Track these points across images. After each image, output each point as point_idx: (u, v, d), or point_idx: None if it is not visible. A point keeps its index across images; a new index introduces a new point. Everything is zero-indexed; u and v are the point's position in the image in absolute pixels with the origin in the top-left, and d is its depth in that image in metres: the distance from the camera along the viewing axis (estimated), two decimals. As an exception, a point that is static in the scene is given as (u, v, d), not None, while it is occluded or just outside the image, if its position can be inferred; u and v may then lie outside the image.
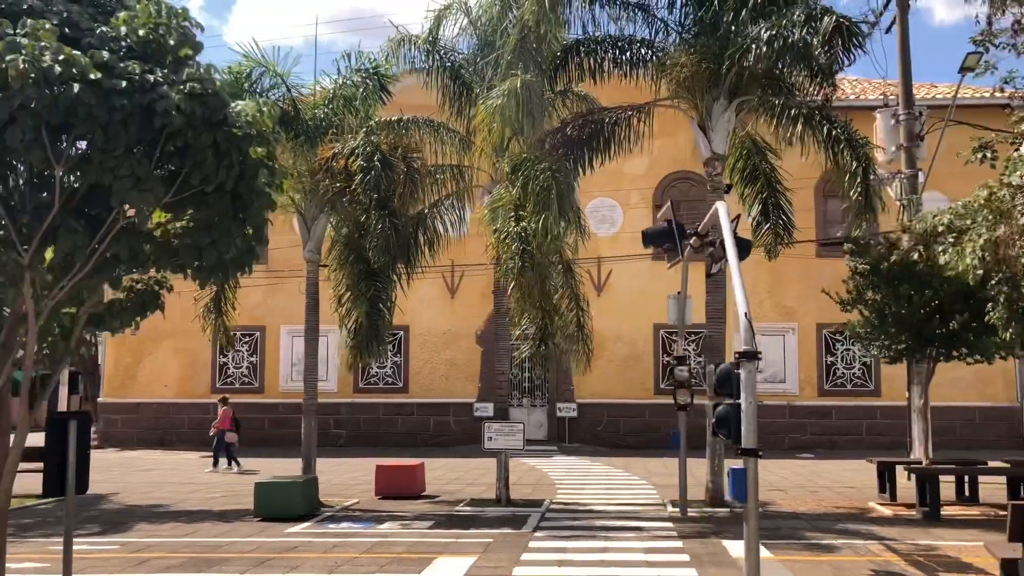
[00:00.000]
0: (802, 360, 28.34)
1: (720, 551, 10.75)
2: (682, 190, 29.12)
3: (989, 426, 26.43)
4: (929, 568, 9.67)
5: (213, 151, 6.40)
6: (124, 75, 6.01)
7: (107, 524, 13.52)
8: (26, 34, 5.73)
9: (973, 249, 6.84)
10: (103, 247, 6.78)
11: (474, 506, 14.88)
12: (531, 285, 13.20)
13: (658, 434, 28.13)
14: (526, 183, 13.02)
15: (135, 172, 6.19)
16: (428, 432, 29.09)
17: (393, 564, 10.15)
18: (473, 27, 15.50)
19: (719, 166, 14.82)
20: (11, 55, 5.65)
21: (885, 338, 14.23)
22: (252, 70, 14.74)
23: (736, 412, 7.43)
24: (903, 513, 13.85)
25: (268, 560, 10.46)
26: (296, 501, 13.74)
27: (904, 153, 18.93)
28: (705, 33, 14.47)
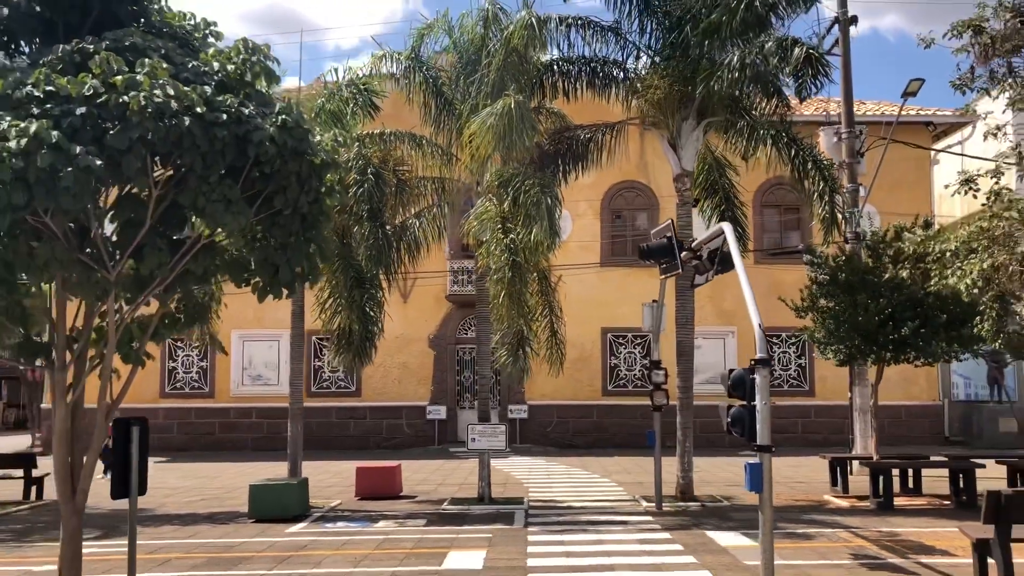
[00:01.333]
0: (741, 362, 29.61)
1: (708, 540, 11.66)
2: (627, 199, 30.31)
3: (914, 423, 28.20)
4: (899, 551, 10.75)
5: (296, 177, 6.99)
6: (223, 108, 6.57)
7: (103, 528, 13.75)
8: (146, 73, 6.24)
9: (974, 271, 7.89)
10: (183, 263, 7.31)
11: (458, 504, 15.51)
12: (520, 293, 13.94)
13: (606, 434, 29.23)
14: (516, 196, 13.76)
15: (227, 196, 6.74)
16: (381, 435, 29.53)
17: (410, 558, 10.77)
18: (455, 46, 16.15)
19: (688, 182, 15.81)
20: (132, 92, 6.17)
21: (840, 342, 15.37)
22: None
23: (750, 413, 8.32)
24: (858, 504, 15.01)
25: (288, 558, 10.98)
26: (290, 503, 14.21)
27: (846, 169, 20.25)
28: (675, 57, 15.41)
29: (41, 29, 7.09)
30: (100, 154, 6.19)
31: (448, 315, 30.00)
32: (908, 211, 26.81)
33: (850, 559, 10.39)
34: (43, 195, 6.04)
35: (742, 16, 13.88)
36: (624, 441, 28.89)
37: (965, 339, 13.87)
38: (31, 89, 6.28)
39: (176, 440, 29.86)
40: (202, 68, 6.91)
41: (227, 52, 7.14)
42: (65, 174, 5.99)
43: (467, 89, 15.86)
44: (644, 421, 29.05)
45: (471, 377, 30.33)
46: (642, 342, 29.94)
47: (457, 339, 30.27)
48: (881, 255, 15.13)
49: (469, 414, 30.23)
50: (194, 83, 6.65)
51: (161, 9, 7.58)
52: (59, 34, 7.20)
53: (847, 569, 9.86)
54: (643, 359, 29.96)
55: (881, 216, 25.69)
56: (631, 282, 29.02)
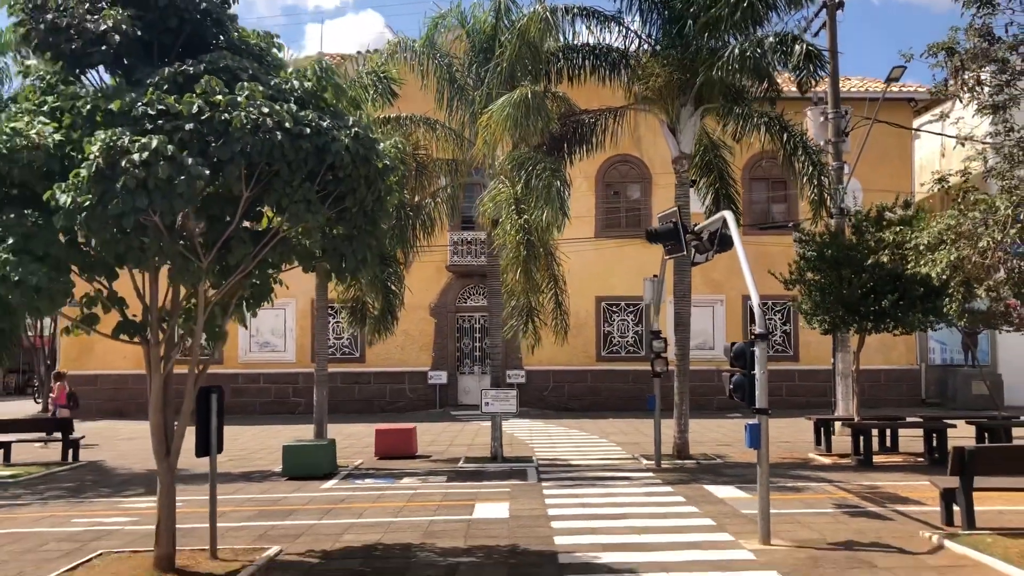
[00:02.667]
0: (729, 329, 31.07)
1: (706, 493, 12.96)
2: (621, 172, 31.45)
3: (893, 386, 29.71)
4: (878, 501, 12.08)
5: (364, 180, 8.11)
6: (306, 123, 7.66)
7: (147, 486, 14.89)
8: (246, 96, 7.31)
9: (943, 262, 9.10)
10: (263, 254, 8.43)
11: (473, 463, 16.76)
12: (533, 269, 15.10)
13: (600, 397, 30.63)
14: (528, 179, 14.88)
15: (307, 197, 7.85)
16: (385, 399, 30.80)
17: (442, 509, 12.02)
18: (467, 35, 17.14)
19: (686, 164, 16.95)
20: (234, 111, 7.25)
21: (825, 313, 16.65)
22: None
23: (750, 381, 9.56)
24: (840, 462, 16.37)
25: (331, 510, 12.20)
26: (320, 462, 15.43)
27: (832, 147, 21.41)
28: (675, 46, 16.47)
29: (140, 50, 8.13)
30: (205, 163, 7.28)
31: (448, 285, 31.15)
32: (890, 184, 28.17)
33: (834, 508, 11.72)
34: (160, 199, 7.13)
35: (742, 12, 14.95)
36: (617, 404, 30.33)
37: (940, 310, 15.17)
38: (146, 108, 7.35)
39: (186, 405, 31.00)
40: (283, 85, 7.98)
41: (302, 70, 8.22)
42: (179, 182, 7.08)
43: (479, 75, 16.88)
44: (636, 385, 30.62)
45: (470, 344, 31.62)
46: (634, 310, 31.26)
47: (457, 308, 31.46)
48: (864, 232, 16.37)
49: (468, 379, 31.61)
50: (279, 99, 7.73)
51: (238, 28, 8.63)
52: (154, 54, 8.27)
53: (832, 516, 11.18)
54: (635, 327, 31.31)
55: (864, 191, 27.00)
56: (624, 253, 30.29)
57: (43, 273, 7.36)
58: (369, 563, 9.03)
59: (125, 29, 7.77)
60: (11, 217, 7.56)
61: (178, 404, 9.18)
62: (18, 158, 7.44)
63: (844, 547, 9.36)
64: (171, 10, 8.08)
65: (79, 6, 7.86)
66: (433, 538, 10.14)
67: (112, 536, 10.68)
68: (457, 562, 8.97)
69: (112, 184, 7.03)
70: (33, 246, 7.49)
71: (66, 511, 12.58)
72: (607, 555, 9.13)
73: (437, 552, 9.44)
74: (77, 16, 7.78)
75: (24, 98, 8.50)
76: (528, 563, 8.90)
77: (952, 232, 9.01)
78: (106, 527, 11.29)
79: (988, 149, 10.16)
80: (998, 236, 8.60)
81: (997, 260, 8.81)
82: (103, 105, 7.46)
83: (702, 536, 10.06)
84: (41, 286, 7.32)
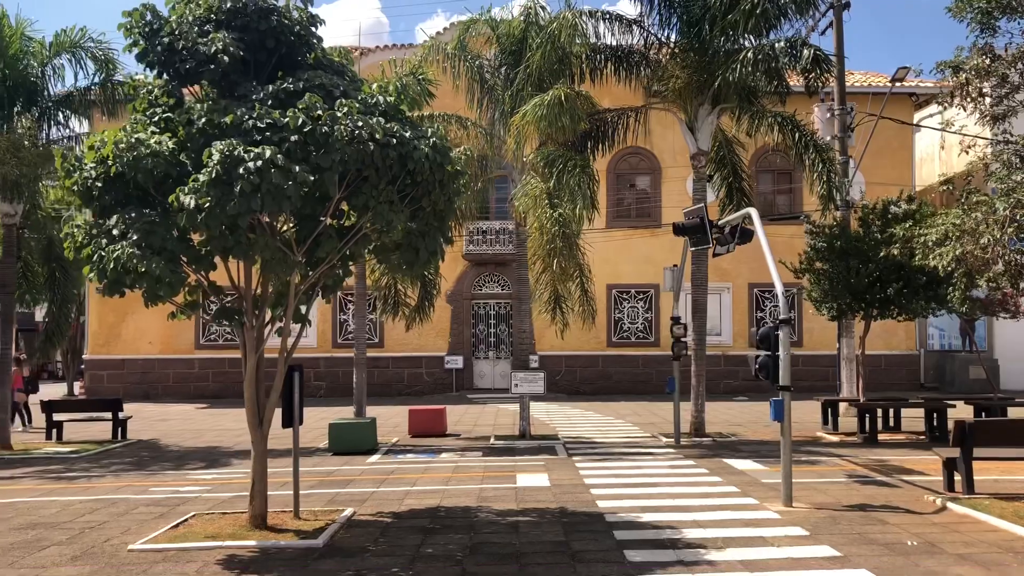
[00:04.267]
0: (735, 315, 32.26)
1: (726, 466, 14.11)
2: (631, 163, 32.49)
3: (893, 371, 30.91)
4: (885, 472, 13.23)
5: (439, 184, 9.19)
6: (392, 134, 8.73)
7: (204, 461, 16.04)
8: (344, 113, 8.39)
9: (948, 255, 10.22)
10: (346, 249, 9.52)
11: (503, 440, 17.88)
12: (566, 258, 16.21)
13: (610, 381, 31.81)
14: (560, 175, 15.96)
15: (390, 199, 8.94)
16: (403, 383, 31.95)
17: (487, 479, 13.15)
18: (497, 39, 18.16)
19: (703, 160, 18.04)
20: (335, 124, 8.32)
21: (833, 300, 17.77)
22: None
23: (775, 361, 10.68)
24: (846, 439, 17.51)
25: (385, 479, 13.33)
26: (364, 439, 16.56)
27: (838, 142, 22.49)
28: (693, 49, 17.53)
29: (241, 67, 9.19)
30: (308, 170, 8.36)
31: (464, 272, 32.25)
32: (891, 175, 29.33)
33: (846, 478, 12.87)
34: (270, 202, 8.20)
35: (756, 18, 16.01)
36: (627, 388, 31.53)
37: (941, 298, 16.31)
38: (255, 121, 8.42)
39: (211, 388, 32.20)
40: (370, 100, 9.05)
41: (383, 85, 9.30)
42: (288, 187, 8.16)
43: (508, 77, 17.93)
44: (645, 370, 31.84)
45: (485, 330, 32.74)
46: (644, 297, 32.41)
47: (472, 295, 32.59)
48: (870, 225, 17.47)
49: (484, 364, 32.74)
50: (367, 113, 8.81)
51: (323, 48, 9.70)
52: (251, 70, 9.33)
53: (844, 484, 12.32)
54: (645, 313, 32.45)
55: (867, 182, 28.06)
56: (633, 242, 31.42)
57: (164, 265, 8.44)
58: (437, 521, 10.15)
59: (231, 50, 8.83)
60: (132, 216, 8.64)
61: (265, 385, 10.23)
62: (142, 165, 8.50)
63: (858, 509, 10.50)
64: (269, 33, 9.15)
65: (191, 30, 8.91)
66: (487, 502, 11.27)
67: (193, 502, 11.77)
68: (516, 520, 10.09)
69: (229, 188, 8.09)
70: (152, 241, 8.56)
71: (140, 481, 13.68)
72: (647, 515, 10.26)
73: (495, 513, 10.56)
74: (191, 39, 8.84)
75: (132, 109, 9.59)
76: (579, 521, 10.02)
77: (957, 229, 10.13)
78: (183, 495, 12.38)
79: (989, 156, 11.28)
80: (997, 234, 9.72)
81: (996, 254, 9.93)
82: (217, 119, 8.52)
83: (729, 500, 11.20)
84: (163, 277, 8.41)
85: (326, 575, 7.90)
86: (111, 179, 8.82)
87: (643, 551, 8.53)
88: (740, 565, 7.99)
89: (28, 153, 17.94)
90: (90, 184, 8.89)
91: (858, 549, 8.49)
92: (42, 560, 8.66)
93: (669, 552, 8.49)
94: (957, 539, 8.90)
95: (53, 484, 13.56)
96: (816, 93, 16.65)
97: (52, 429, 19.34)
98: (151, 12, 9.12)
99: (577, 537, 9.20)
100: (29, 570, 8.28)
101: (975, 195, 10.42)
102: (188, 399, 31.37)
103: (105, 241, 8.61)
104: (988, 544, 8.67)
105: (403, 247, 9.69)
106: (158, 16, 9.14)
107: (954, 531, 9.27)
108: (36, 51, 18.52)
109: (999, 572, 7.67)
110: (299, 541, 9.18)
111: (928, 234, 10.84)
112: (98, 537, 9.64)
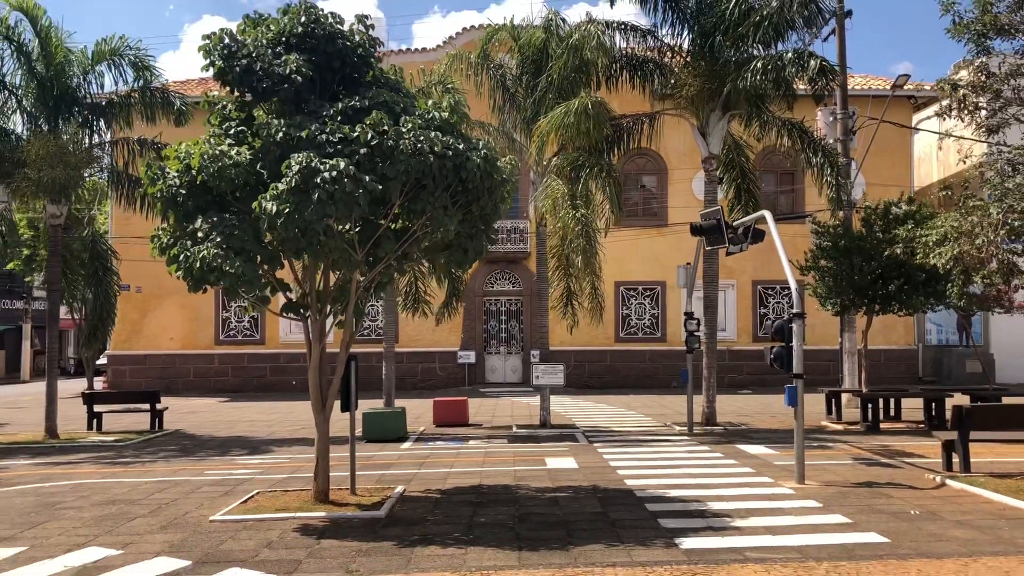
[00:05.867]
0: (740, 311, 33.31)
1: (740, 451, 15.12)
2: (638, 164, 33.47)
3: (892, 365, 31.97)
4: (888, 455, 14.26)
5: (487, 190, 10.18)
6: (448, 146, 9.71)
7: (244, 448, 17.01)
8: (408, 129, 9.37)
9: (947, 255, 11.26)
10: (401, 249, 10.51)
11: (524, 428, 18.90)
12: (590, 256, 17.24)
13: (618, 376, 32.83)
14: (587, 179, 16.96)
15: (445, 204, 9.93)
16: (417, 377, 32.94)
17: (519, 462, 14.14)
18: (519, 48, 19.15)
19: (715, 163, 19.05)
20: (400, 139, 9.31)
21: (838, 296, 18.80)
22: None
23: (788, 352, 11.68)
24: (850, 428, 18.54)
25: (423, 463, 14.32)
26: (395, 427, 17.57)
27: (840, 145, 23.50)
28: (704, 57, 18.53)
29: (309, 86, 10.16)
30: (375, 179, 9.34)
31: (476, 270, 33.13)
32: (891, 174, 30.40)
33: (852, 460, 13.89)
34: (343, 208, 9.18)
35: (764, 30, 17.02)
36: (635, 382, 32.57)
37: (940, 294, 17.34)
38: (328, 135, 9.41)
39: (230, 382, 33.18)
40: (427, 115, 10.02)
41: (437, 102, 10.29)
42: (359, 195, 9.14)
43: (528, 84, 18.92)
44: (652, 364, 32.88)
45: (496, 326, 33.74)
46: (650, 294, 33.44)
47: (484, 292, 33.60)
48: (872, 225, 18.50)
49: (495, 359, 33.74)
50: (426, 127, 9.79)
51: (380, 67, 10.69)
52: (317, 88, 10.31)
53: (850, 465, 13.34)
54: (652, 310, 33.48)
55: (867, 182, 29.07)
56: (640, 241, 32.41)
57: (245, 264, 9.43)
58: (482, 496, 11.14)
59: (304, 71, 9.81)
60: (215, 220, 9.62)
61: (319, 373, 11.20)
62: (225, 175, 9.49)
63: (865, 485, 11.52)
64: (335, 54, 10.15)
65: (266, 52, 9.89)
66: (523, 481, 12.27)
67: (250, 483, 12.74)
68: (554, 496, 11.09)
69: (307, 196, 9.07)
70: (232, 243, 9.54)
71: (193, 466, 14.66)
72: (673, 491, 11.26)
73: (533, 489, 11.56)
74: (267, 61, 9.81)
75: (207, 122, 10.58)
76: (611, 496, 11.02)
77: (955, 231, 11.16)
78: (237, 477, 13.36)
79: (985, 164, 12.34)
80: (991, 235, 10.74)
81: (990, 254, 10.96)
82: (293, 133, 9.50)
83: (746, 479, 12.22)
84: (246, 275, 9.40)
85: (396, 539, 8.87)
86: (195, 187, 9.80)
87: (675, 519, 9.53)
88: (764, 530, 8.99)
89: (73, 157, 18.94)
90: (175, 191, 9.86)
91: (867, 517, 9.50)
92: (135, 529, 9.64)
93: (699, 520, 9.50)
94: (955, 509, 9.92)
95: (112, 468, 14.53)
96: (823, 100, 17.65)
97: (93, 420, 20.28)
98: (228, 36, 10.09)
99: (613, 509, 10.20)
100: (127, 536, 9.26)
101: (972, 200, 11.46)
102: (208, 393, 32.35)
103: (190, 243, 9.60)
104: (983, 513, 9.69)
105: (453, 247, 10.67)
106: (235, 40, 10.11)
107: (952, 503, 10.29)
108: (79, 59, 19.48)
109: (992, 534, 8.68)
110: (362, 513, 10.17)
111: (929, 235, 11.87)
112: (176, 511, 10.62)
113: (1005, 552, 7.96)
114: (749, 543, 8.40)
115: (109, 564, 8.12)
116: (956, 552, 7.97)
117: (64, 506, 11.08)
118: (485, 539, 8.78)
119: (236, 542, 8.87)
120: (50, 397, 19.00)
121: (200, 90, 31.06)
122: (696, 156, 24.82)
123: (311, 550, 8.48)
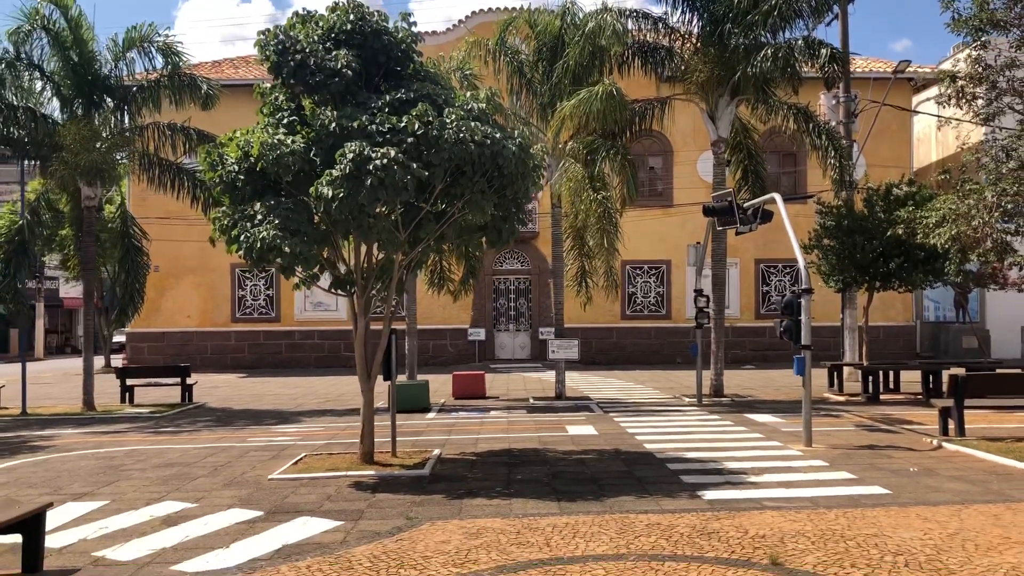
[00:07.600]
0: (743, 289, 34.23)
1: (748, 419, 16.05)
2: (644, 145, 34.11)
3: (891, 341, 32.92)
4: (888, 423, 15.20)
5: (521, 176, 11.02)
6: (487, 135, 10.53)
7: (276, 419, 17.90)
8: (452, 120, 10.20)
9: (945, 235, 12.16)
10: (441, 230, 11.37)
11: (541, 400, 19.83)
12: (612, 235, 18.11)
13: (624, 352, 33.77)
14: (603, 161, 17.79)
15: (482, 189, 10.77)
16: (428, 354, 33.80)
17: (542, 429, 15.07)
18: (536, 36, 19.91)
19: (723, 147, 19.88)
20: (444, 129, 10.15)
21: (840, 273, 19.69)
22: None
23: (797, 325, 12.57)
24: (851, 399, 19.48)
25: (451, 430, 15.24)
26: (420, 398, 18.49)
27: (843, 128, 24.29)
28: (714, 45, 19.30)
29: (356, 79, 10.97)
30: (421, 167, 10.18)
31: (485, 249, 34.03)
32: (891, 154, 31.23)
33: (854, 427, 14.83)
34: (392, 193, 10.02)
35: (773, 19, 17.81)
36: (640, 358, 33.52)
37: (938, 271, 18.25)
38: (378, 125, 10.24)
39: (247, 359, 34.07)
40: (466, 106, 10.85)
41: (475, 93, 11.11)
42: (407, 181, 9.98)
43: (544, 71, 19.70)
44: (657, 341, 33.81)
45: (505, 304, 34.64)
46: (656, 273, 34.33)
47: (494, 270, 34.45)
48: (874, 205, 19.36)
49: (504, 336, 34.66)
50: (466, 118, 10.61)
51: (421, 61, 11.51)
52: (363, 81, 11.13)
53: (853, 431, 14.27)
54: (657, 288, 34.38)
55: (868, 163, 29.89)
56: (645, 221, 33.22)
57: (302, 244, 10.28)
58: (514, 458, 12.05)
59: (354, 66, 10.63)
60: (271, 203, 10.46)
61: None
62: (283, 161, 10.32)
63: (867, 448, 12.45)
64: (381, 50, 10.97)
65: (318, 48, 10.70)
66: (549, 445, 13.19)
67: (293, 448, 13.63)
68: (580, 457, 12.01)
69: (359, 182, 9.91)
70: (289, 224, 10.37)
71: (233, 434, 15.56)
72: (690, 453, 12.19)
73: (559, 452, 12.48)
74: (319, 56, 10.63)
75: (259, 112, 11.41)
76: (634, 457, 11.94)
77: (953, 213, 12.06)
78: (280, 443, 14.25)
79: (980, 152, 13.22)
80: (986, 217, 11.63)
81: (985, 234, 11.85)
82: (346, 123, 10.32)
83: (757, 443, 13.15)
84: (303, 254, 10.26)
85: (444, 493, 9.77)
86: (252, 173, 10.63)
87: (695, 476, 10.45)
88: (777, 484, 9.92)
89: (106, 141, 19.74)
90: (233, 176, 10.70)
91: (870, 473, 10.43)
92: (200, 487, 10.54)
93: (717, 477, 10.42)
94: (951, 466, 10.86)
95: (157, 436, 15.44)
96: (833, 85, 18.45)
97: (125, 393, 21.17)
98: (283, 33, 10.90)
99: (637, 468, 11.12)
100: (196, 492, 10.16)
101: (968, 183, 12.34)
102: (225, 369, 33.25)
103: (249, 224, 10.44)
104: (976, 470, 10.62)
105: (488, 229, 11.52)
106: (288, 36, 10.91)
107: (948, 462, 11.23)
108: (110, 46, 20.25)
109: (983, 487, 9.61)
110: (408, 471, 11.07)
111: (929, 216, 12.76)
112: (233, 472, 11.53)
113: (994, 501, 8.88)
114: (765, 495, 9.32)
115: (189, 514, 9.02)
116: (951, 501, 8.89)
117: (127, 468, 11.98)
118: (525, 492, 9.69)
119: (299, 496, 9.77)
120: (87, 371, 19.91)
121: (214, 73, 31.76)
122: (701, 137, 25.76)
123: (369, 502, 9.39)
